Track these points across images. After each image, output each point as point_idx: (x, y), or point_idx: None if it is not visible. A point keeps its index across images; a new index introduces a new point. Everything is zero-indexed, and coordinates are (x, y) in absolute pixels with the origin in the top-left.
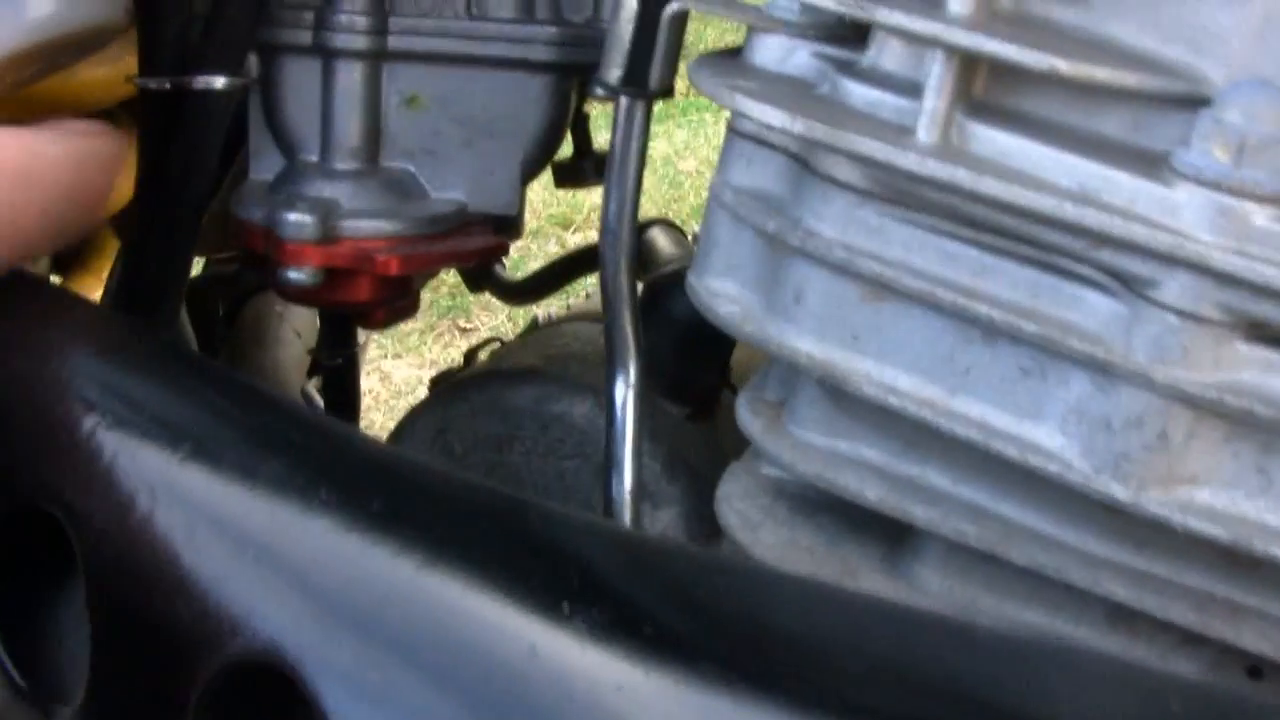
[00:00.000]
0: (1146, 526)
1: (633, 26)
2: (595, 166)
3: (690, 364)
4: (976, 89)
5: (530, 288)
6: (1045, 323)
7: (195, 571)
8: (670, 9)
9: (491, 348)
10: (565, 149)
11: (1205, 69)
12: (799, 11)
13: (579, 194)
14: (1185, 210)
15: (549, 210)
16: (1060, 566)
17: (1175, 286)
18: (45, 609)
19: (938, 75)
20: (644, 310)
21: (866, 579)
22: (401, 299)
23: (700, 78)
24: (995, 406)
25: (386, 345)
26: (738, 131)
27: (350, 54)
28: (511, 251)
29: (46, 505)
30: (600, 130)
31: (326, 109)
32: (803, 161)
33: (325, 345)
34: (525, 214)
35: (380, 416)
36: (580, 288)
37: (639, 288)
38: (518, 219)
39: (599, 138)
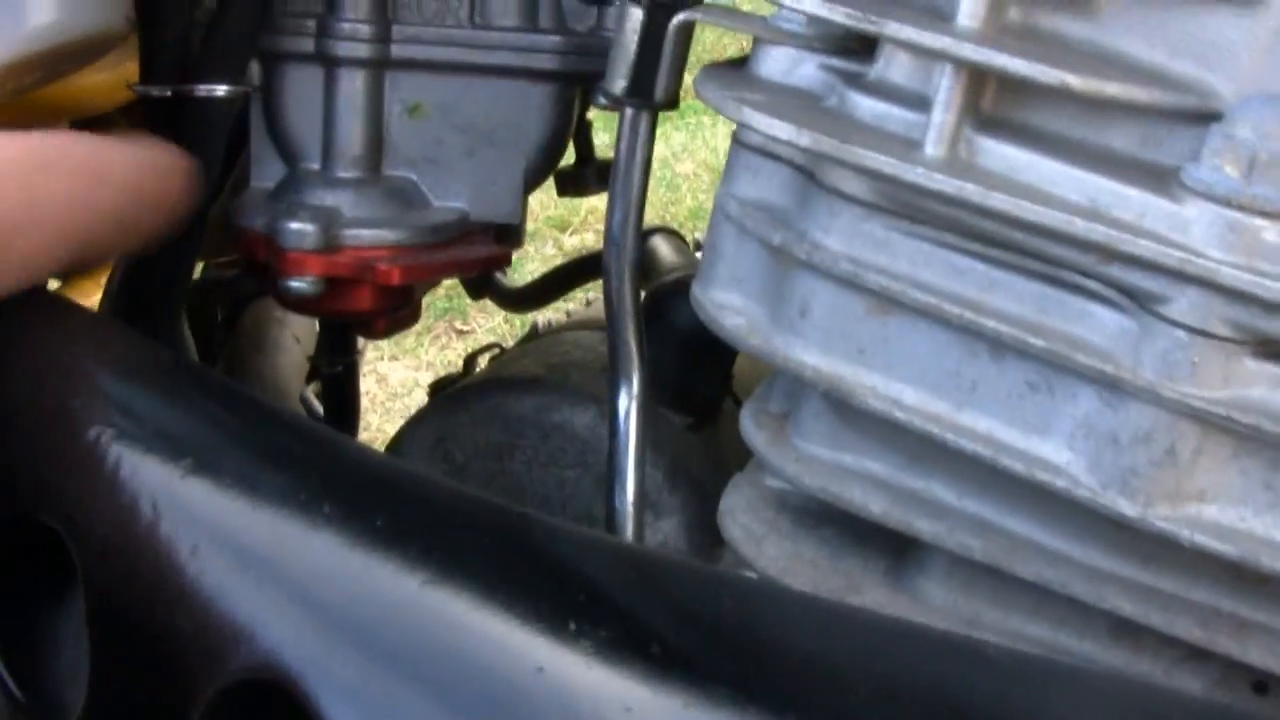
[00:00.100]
0: (1153, 542)
1: (638, 37)
2: (597, 174)
3: (693, 374)
4: (985, 103)
5: (530, 295)
6: (1053, 338)
7: (196, 586)
8: (676, 20)
9: (491, 354)
10: (567, 156)
11: (1215, 84)
12: (806, 23)
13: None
14: (1195, 226)
15: (546, 213)
16: (1065, 581)
17: (1184, 302)
18: (45, 621)
19: (946, 89)
20: (646, 319)
21: (870, 593)
22: (403, 308)
23: (706, 90)
24: (1002, 421)
25: (383, 347)
26: (743, 143)
27: (353, 62)
28: None
29: (47, 517)
30: (600, 134)
31: (328, 117)
32: (809, 174)
33: (325, 353)
34: (526, 218)
35: (376, 418)
36: (579, 293)
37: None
38: (519, 228)
39: (599, 141)
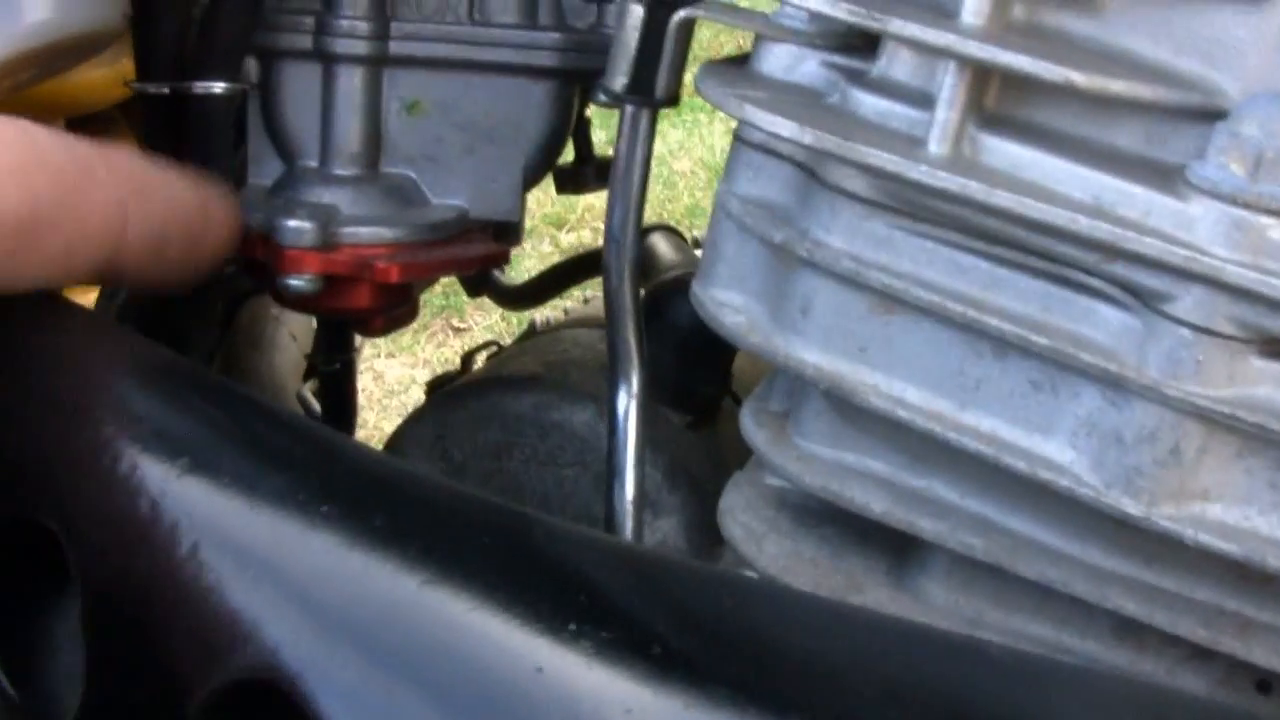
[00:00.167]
0: (1156, 541)
1: (639, 34)
2: (596, 172)
3: (692, 372)
4: (989, 100)
5: (528, 293)
6: (1057, 336)
7: (194, 586)
8: (677, 17)
9: (488, 352)
10: (566, 153)
11: (1220, 81)
12: (808, 20)
13: None
14: (1200, 224)
15: (543, 210)
16: (1068, 580)
17: (1189, 301)
18: (41, 622)
19: (950, 87)
20: (645, 317)
21: (872, 592)
22: (401, 306)
23: (707, 87)
24: (1005, 420)
25: (380, 344)
26: (745, 141)
27: (351, 59)
28: None
29: (44, 518)
30: (599, 131)
31: (326, 114)
32: (810, 172)
33: (322, 350)
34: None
35: (373, 415)
36: (576, 290)
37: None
38: (518, 225)
39: (597, 139)
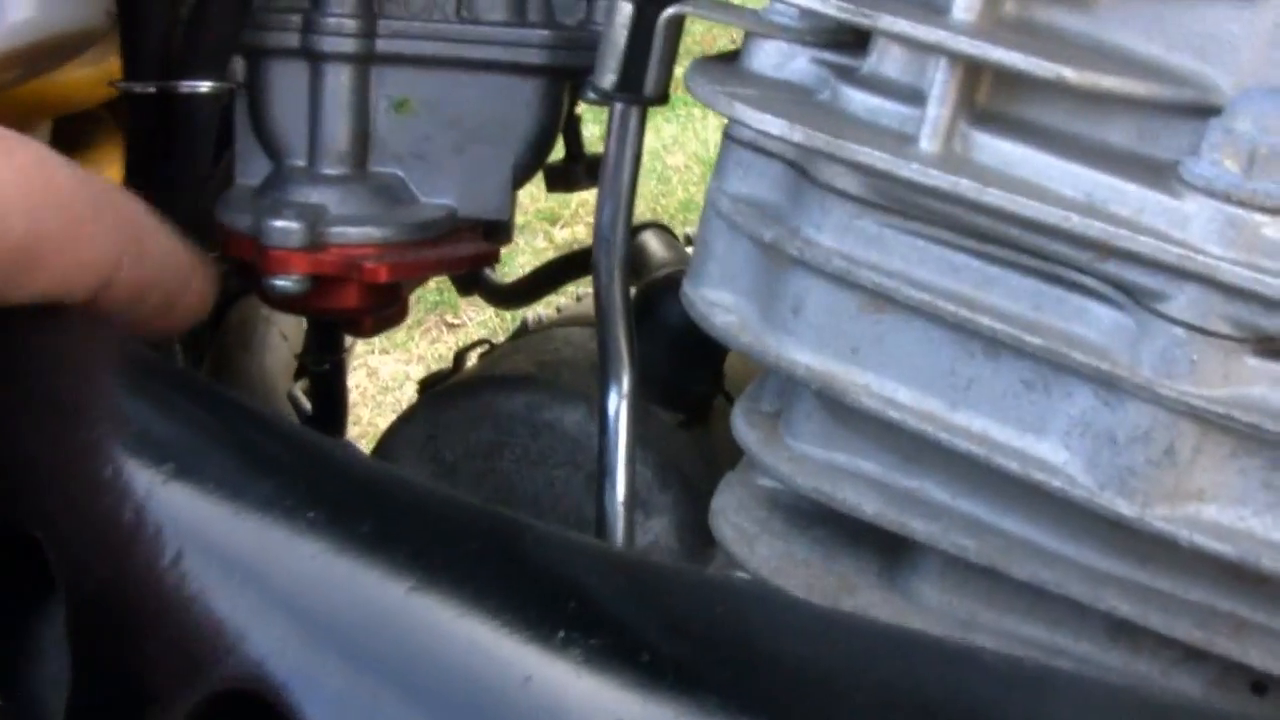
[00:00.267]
0: (1150, 542)
1: (628, 32)
2: (587, 169)
3: (683, 370)
4: (980, 97)
5: (520, 291)
6: (1049, 335)
7: (179, 594)
8: (666, 14)
9: (480, 350)
10: (556, 151)
11: (1214, 77)
12: (798, 17)
13: None
14: (1194, 222)
15: (536, 205)
16: (1062, 582)
17: (1183, 299)
18: (25, 627)
19: (941, 83)
20: (636, 316)
21: (864, 593)
22: (390, 306)
23: (697, 85)
24: (997, 420)
25: (373, 341)
26: (734, 139)
27: (338, 57)
28: None
29: (26, 524)
30: (590, 125)
31: (314, 113)
32: (801, 169)
33: (312, 351)
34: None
35: (367, 412)
36: (569, 286)
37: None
38: (508, 224)
39: (588, 133)
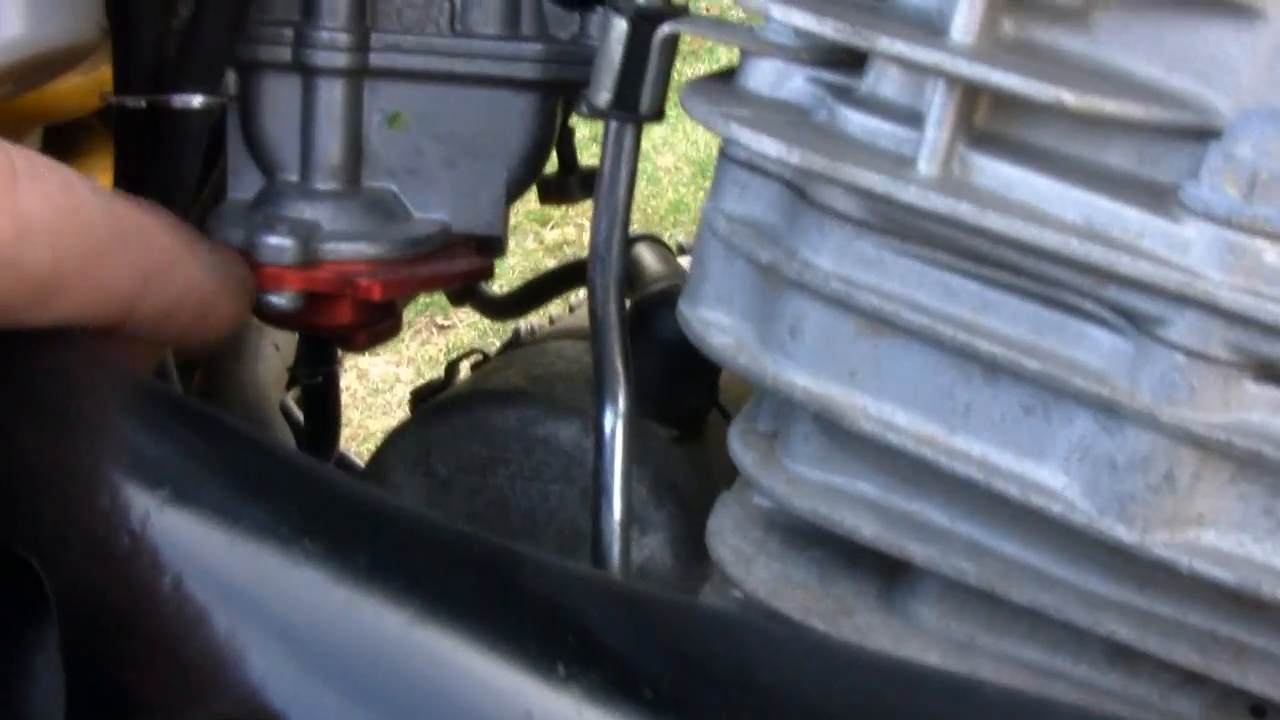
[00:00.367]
0: (1150, 566)
1: (623, 49)
2: (581, 182)
3: (678, 385)
4: (979, 119)
5: (513, 303)
6: (1048, 360)
7: (175, 623)
8: (662, 31)
9: (472, 360)
10: (550, 163)
11: (1213, 99)
12: (794, 35)
13: None
14: (1194, 247)
15: (526, 207)
16: (1061, 606)
17: (1183, 325)
18: (18, 650)
19: (939, 106)
20: (631, 330)
21: (862, 616)
22: (384, 321)
23: (693, 104)
24: (996, 445)
25: None
26: (730, 158)
27: (331, 71)
28: None
29: (20, 548)
30: (583, 128)
31: (307, 127)
32: (798, 190)
33: (305, 363)
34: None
35: (358, 414)
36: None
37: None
38: (501, 238)
39: (582, 134)
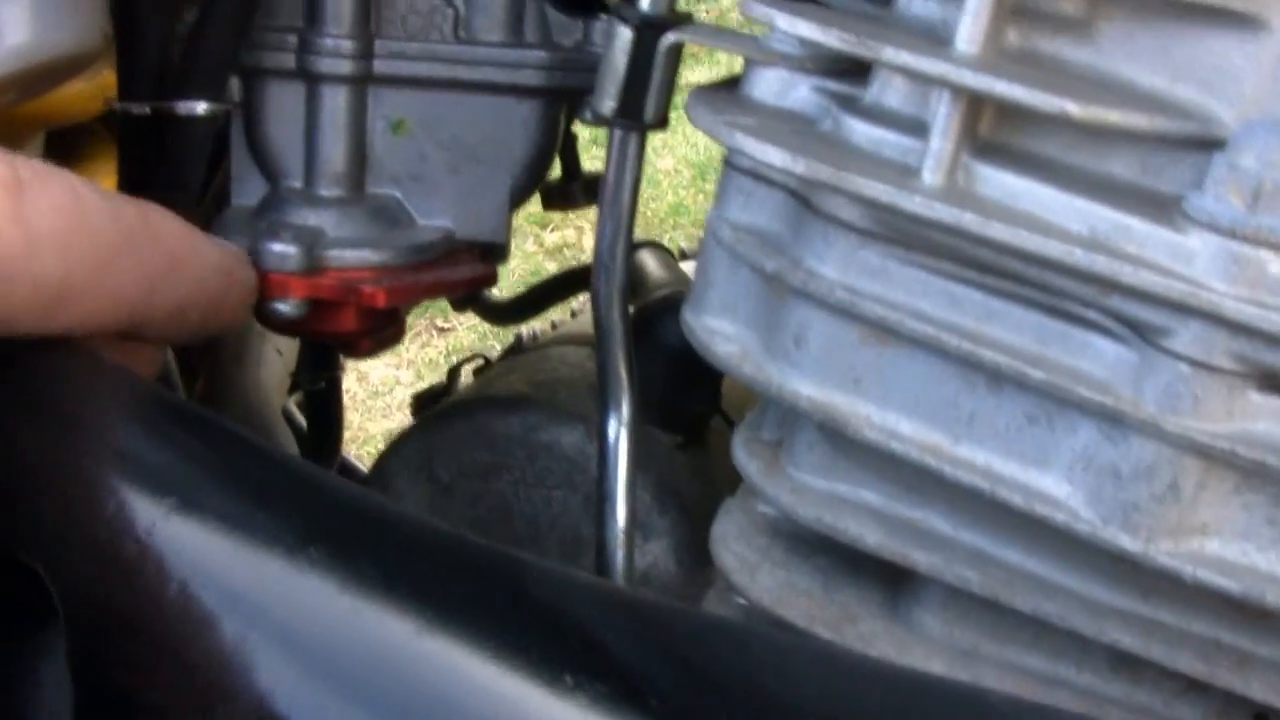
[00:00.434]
0: (1153, 575)
1: (627, 57)
2: (584, 188)
3: (681, 391)
4: (983, 128)
5: (516, 308)
6: (1053, 369)
7: (182, 631)
8: (667, 41)
9: (474, 365)
10: (553, 170)
11: (1217, 109)
12: (798, 44)
13: None
14: (1199, 257)
15: (526, 209)
16: (1065, 614)
17: (1187, 335)
18: (25, 656)
19: (944, 116)
20: (634, 337)
21: (866, 623)
22: (388, 327)
23: (698, 113)
24: (1000, 454)
25: None
26: (735, 166)
27: (335, 78)
28: None
29: (26, 557)
30: (583, 133)
31: (310, 134)
32: (803, 199)
33: (307, 369)
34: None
35: (358, 417)
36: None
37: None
38: (504, 245)
39: (584, 136)
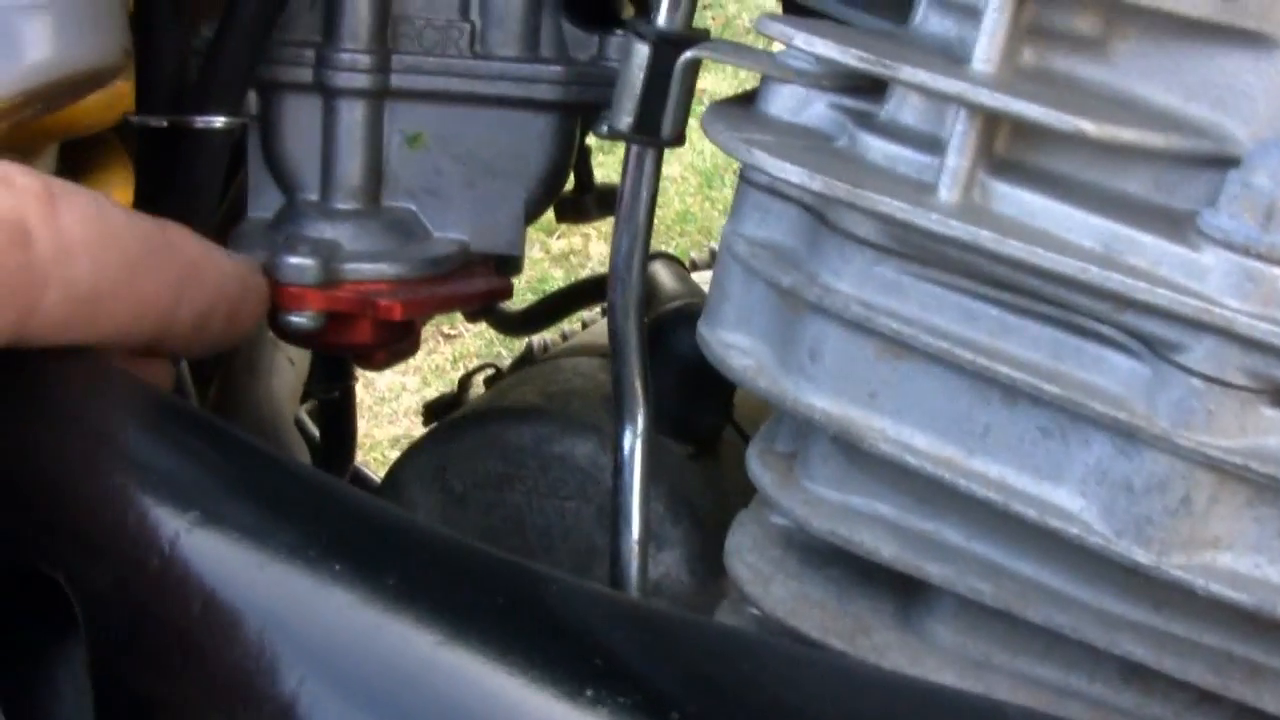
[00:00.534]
0: (1165, 588)
1: (644, 74)
2: (597, 201)
3: (694, 403)
4: (999, 146)
5: (528, 319)
6: (1067, 384)
7: (205, 644)
8: (684, 58)
9: (485, 375)
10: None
11: (1230, 127)
12: (814, 61)
13: None
14: (1212, 274)
15: None
16: (1077, 626)
17: (1200, 351)
18: (46, 671)
19: (960, 134)
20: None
21: (879, 635)
22: (403, 340)
23: (715, 130)
24: (1014, 467)
25: None
26: (750, 182)
27: (352, 92)
28: None
29: (47, 568)
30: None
31: (327, 147)
32: (819, 214)
33: (321, 379)
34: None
35: (364, 424)
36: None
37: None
38: (519, 257)
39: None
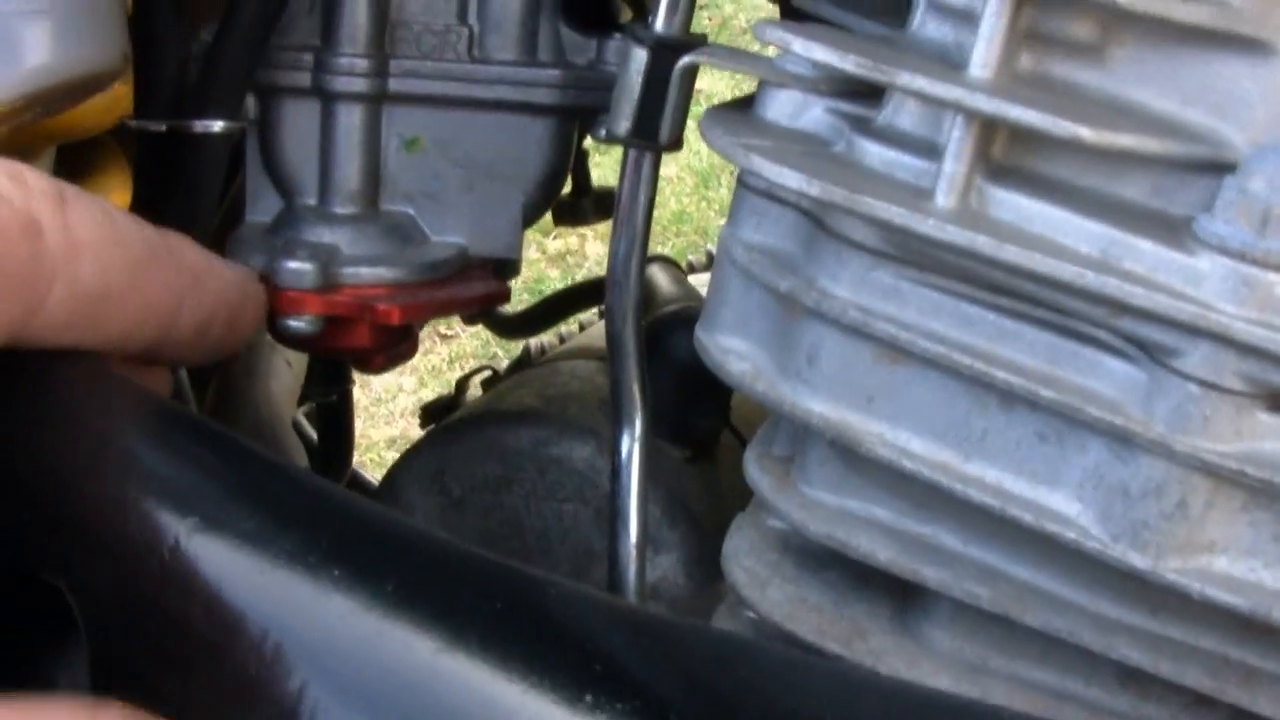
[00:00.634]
0: (1161, 592)
1: (642, 78)
2: (594, 204)
3: (691, 406)
4: (996, 151)
5: (526, 322)
6: (1063, 389)
7: (203, 650)
8: (682, 63)
9: (482, 377)
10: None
11: (1228, 133)
12: (812, 66)
13: None
14: (1208, 280)
15: None
16: (1074, 630)
17: (1197, 356)
18: (45, 675)
19: (958, 140)
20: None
21: (876, 639)
22: (401, 343)
23: (713, 135)
24: (1011, 472)
25: None
26: (748, 186)
27: (350, 96)
28: None
29: (48, 574)
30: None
31: (325, 152)
32: (816, 219)
33: (319, 382)
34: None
35: (360, 424)
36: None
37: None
38: (517, 261)
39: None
